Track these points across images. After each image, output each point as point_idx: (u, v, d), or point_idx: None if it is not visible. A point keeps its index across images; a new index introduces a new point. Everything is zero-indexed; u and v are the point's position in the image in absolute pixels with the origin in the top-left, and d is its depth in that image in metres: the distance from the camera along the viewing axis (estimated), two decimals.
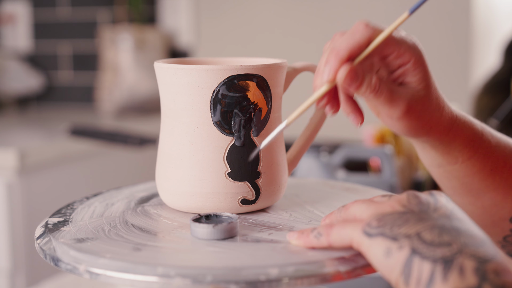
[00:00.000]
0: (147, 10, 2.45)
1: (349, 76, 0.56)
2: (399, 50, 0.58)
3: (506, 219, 0.68)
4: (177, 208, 0.65)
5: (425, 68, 0.60)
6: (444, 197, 0.54)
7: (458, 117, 0.64)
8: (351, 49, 0.57)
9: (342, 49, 0.57)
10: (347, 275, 0.51)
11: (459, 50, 2.08)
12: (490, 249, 0.48)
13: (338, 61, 0.56)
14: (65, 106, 2.57)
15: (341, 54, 0.57)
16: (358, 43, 0.57)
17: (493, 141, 0.66)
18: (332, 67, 0.57)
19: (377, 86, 0.58)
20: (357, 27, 0.57)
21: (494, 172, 0.66)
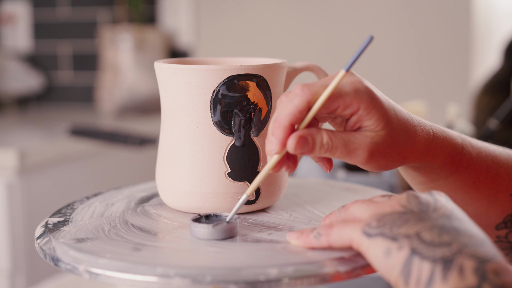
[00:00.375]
0: (147, 10, 2.45)
1: (299, 144, 0.56)
2: (344, 103, 0.56)
3: (491, 227, 0.68)
4: (177, 208, 0.65)
5: (380, 107, 0.58)
6: (443, 197, 0.54)
7: (436, 135, 0.62)
8: (292, 116, 0.55)
9: (283, 119, 0.56)
10: (346, 275, 0.51)
11: (459, 50, 2.08)
12: (490, 249, 0.48)
13: (283, 132, 0.56)
14: (65, 106, 2.57)
15: (283, 124, 0.56)
16: (297, 108, 0.55)
17: (474, 153, 0.65)
18: (278, 139, 0.56)
19: (329, 144, 0.56)
20: (294, 92, 0.56)
21: (477, 184, 0.65)
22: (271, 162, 0.57)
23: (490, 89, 1.69)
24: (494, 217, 0.67)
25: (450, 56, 2.09)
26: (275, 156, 0.57)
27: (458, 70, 2.09)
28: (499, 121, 1.19)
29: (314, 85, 0.56)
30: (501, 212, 0.67)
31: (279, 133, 0.56)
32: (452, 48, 2.09)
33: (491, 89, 1.69)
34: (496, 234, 0.68)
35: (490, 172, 0.65)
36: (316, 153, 0.57)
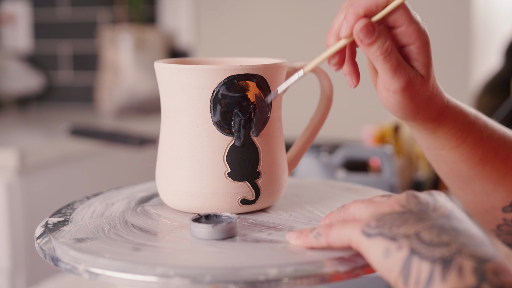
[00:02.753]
0: (147, 10, 2.45)
1: (365, 29, 0.58)
2: (408, 27, 0.59)
3: (498, 208, 0.68)
4: (177, 208, 0.65)
5: (428, 55, 0.61)
6: (443, 197, 0.54)
7: (450, 107, 0.65)
8: (369, 8, 0.58)
9: (360, 6, 0.58)
10: (346, 275, 0.51)
11: (459, 50, 2.08)
12: (489, 249, 0.48)
13: (355, 17, 0.58)
14: (65, 106, 2.57)
15: (357, 11, 0.58)
16: (376, 2, 0.58)
17: (485, 132, 0.67)
18: (349, 23, 0.58)
19: (389, 49, 0.59)
20: None
21: (484, 162, 0.67)
22: (338, 45, 0.60)
23: (491, 89, 1.69)
24: (501, 198, 0.68)
25: (450, 56, 2.09)
26: (342, 41, 0.59)
27: (458, 70, 2.09)
28: (499, 121, 1.19)
29: None
30: (509, 194, 0.68)
31: (353, 18, 0.58)
32: (452, 48, 2.09)
33: (491, 89, 1.69)
34: (503, 216, 0.69)
35: (500, 154, 0.67)
36: (373, 49, 0.59)
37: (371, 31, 0.58)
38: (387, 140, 1.33)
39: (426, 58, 0.61)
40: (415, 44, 0.60)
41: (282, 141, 0.67)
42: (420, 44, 0.60)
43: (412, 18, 0.60)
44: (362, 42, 0.58)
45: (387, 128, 1.33)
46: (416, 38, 0.60)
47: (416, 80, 0.61)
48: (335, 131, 1.68)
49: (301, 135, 0.73)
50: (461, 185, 0.70)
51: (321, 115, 0.72)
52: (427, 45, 0.61)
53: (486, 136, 0.67)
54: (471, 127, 0.66)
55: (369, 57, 0.60)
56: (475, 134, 0.66)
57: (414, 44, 0.60)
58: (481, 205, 0.70)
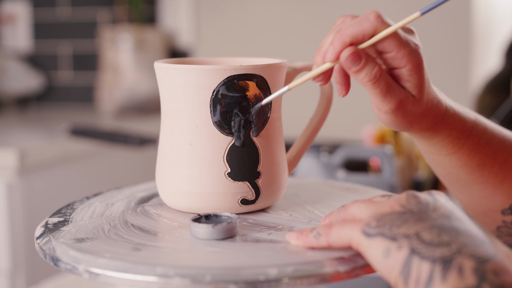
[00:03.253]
0: (147, 10, 2.45)
1: (352, 57, 0.58)
2: (398, 52, 0.59)
3: (497, 211, 0.68)
4: (177, 208, 0.65)
5: (421, 76, 0.60)
6: (443, 197, 0.54)
7: (447, 115, 0.65)
8: (355, 36, 0.58)
9: (347, 34, 0.58)
10: (346, 275, 0.51)
11: (459, 50, 2.08)
12: (489, 249, 0.48)
13: (341, 45, 0.58)
14: (65, 106, 2.57)
15: (344, 39, 0.58)
16: (363, 32, 0.58)
17: (484, 138, 0.67)
18: (335, 49, 0.58)
19: (377, 75, 0.58)
20: (367, 16, 0.58)
21: (481, 167, 0.67)
22: (322, 67, 0.60)
23: (492, 89, 1.69)
24: (500, 201, 0.68)
25: (450, 56, 2.09)
26: (327, 64, 0.59)
27: (458, 70, 2.09)
28: (499, 120, 1.19)
29: (387, 20, 0.58)
30: (507, 198, 0.68)
31: (338, 45, 0.58)
32: (452, 48, 2.09)
33: (492, 89, 1.69)
34: (502, 218, 0.69)
35: (498, 158, 0.67)
36: (360, 76, 0.58)
37: (357, 59, 0.58)
38: (387, 140, 1.33)
39: (418, 80, 0.60)
40: (406, 67, 0.59)
41: (282, 141, 0.67)
42: (411, 67, 0.59)
43: (402, 43, 0.59)
44: (349, 69, 0.58)
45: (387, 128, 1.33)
46: (407, 62, 0.59)
47: (407, 100, 0.60)
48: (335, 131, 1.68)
49: (301, 135, 0.73)
50: (460, 188, 0.70)
51: (321, 115, 0.72)
52: (419, 66, 0.60)
53: (485, 142, 0.66)
54: (469, 133, 0.66)
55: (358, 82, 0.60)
56: (473, 140, 0.66)
57: (405, 67, 0.59)
58: (480, 207, 0.70)
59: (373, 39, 0.58)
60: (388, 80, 0.59)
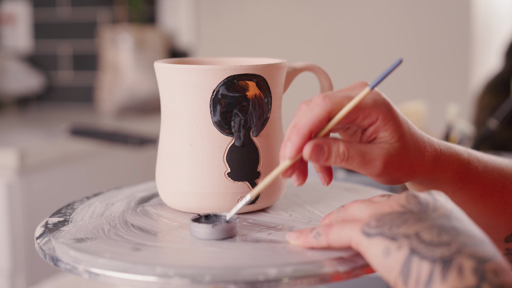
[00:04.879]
0: (147, 10, 2.45)
1: (315, 152, 0.56)
2: (363, 113, 0.57)
3: (501, 240, 0.68)
4: (177, 208, 0.65)
5: (396, 120, 0.58)
6: (443, 197, 0.54)
7: (443, 151, 0.63)
8: (311, 124, 0.56)
9: (302, 126, 0.56)
10: (346, 275, 0.51)
11: (459, 50, 2.08)
12: (489, 249, 0.48)
13: (300, 138, 0.56)
14: (65, 106, 2.57)
15: (302, 131, 0.56)
16: (317, 117, 0.56)
17: (480, 167, 0.65)
18: (294, 145, 0.56)
19: (346, 154, 0.57)
20: (316, 101, 0.56)
21: (484, 198, 0.66)
22: (282, 167, 0.57)
23: (492, 89, 1.69)
24: (503, 229, 0.67)
25: (450, 56, 2.09)
26: (287, 161, 0.57)
27: (458, 70, 2.09)
28: (499, 121, 1.19)
29: (335, 96, 0.57)
30: (510, 224, 0.67)
31: (297, 139, 0.56)
32: (452, 48, 2.09)
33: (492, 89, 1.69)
34: (505, 246, 0.68)
35: (497, 185, 0.66)
36: (331, 162, 0.57)
37: (320, 152, 0.56)
38: None
39: (394, 125, 0.58)
40: (379, 120, 0.58)
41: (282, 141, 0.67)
42: (383, 117, 0.58)
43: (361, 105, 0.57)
44: (317, 162, 0.57)
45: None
46: (377, 115, 0.58)
47: (391, 153, 0.58)
48: None
49: None
50: None
51: None
52: (390, 112, 0.58)
53: (482, 170, 0.65)
54: (468, 165, 0.64)
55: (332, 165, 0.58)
56: (472, 171, 0.64)
57: (378, 121, 0.58)
58: None
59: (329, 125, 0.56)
60: (360, 148, 0.58)
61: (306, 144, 0.56)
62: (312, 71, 0.70)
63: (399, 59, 0.55)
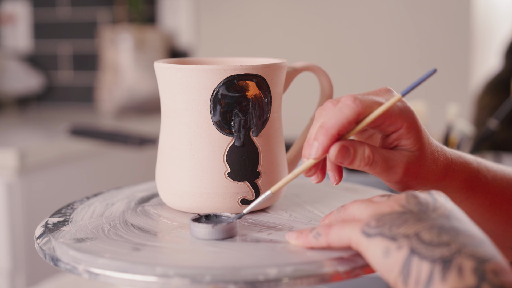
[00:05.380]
0: (147, 10, 2.45)
1: (341, 154, 0.56)
2: (390, 119, 0.58)
3: (508, 248, 0.68)
4: (177, 208, 0.65)
5: (418, 130, 0.59)
6: (443, 197, 0.54)
7: (453, 160, 0.64)
8: (340, 125, 0.56)
9: (331, 126, 0.56)
10: (346, 275, 0.51)
11: (459, 50, 2.08)
12: (489, 249, 0.48)
13: (327, 139, 0.56)
14: (65, 106, 2.57)
15: (330, 132, 0.56)
16: (347, 119, 0.56)
17: (489, 176, 0.66)
18: (321, 145, 0.56)
19: (370, 158, 0.57)
20: (345, 102, 0.56)
21: (493, 206, 0.66)
22: (306, 165, 0.57)
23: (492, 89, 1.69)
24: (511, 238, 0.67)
25: (450, 56, 2.09)
26: (311, 161, 0.57)
27: (458, 70, 2.09)
28: (499, 121, 1.19)
29: (365, 99, 0.57)
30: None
31: (324, 140, 0.56)
32: (452, 48, 2.09)
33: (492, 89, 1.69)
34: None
35: (506, 194, 0.66)
36: (355, 165, 0.57)
37: (346, 154, 0.57)
38: None
39: (416, 134, 0.59)
40: (403, 127, 0.59)
41: (282, 141, 0.67)
42: (407, 125, 0.59)
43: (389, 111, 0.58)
44: (342, 163, 0.57)
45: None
46: (402, 123, 0.58)
47: (412, 161, 0.59)
48: None
49: (301, 135, 0.73)
50: None
51: None
52: (414, 121, 0.59)
53: (491, 179, 0.66)
54: (477, 174, 0.65)
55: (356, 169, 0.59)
56: (481, 180, 0.65)
57: (402, 128, 0.59)
58: None
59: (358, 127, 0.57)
60: (384, 154, 0.58)
61: (332, 145, 0.56)
62: (312, 71, 0.70)
63: (433, 69, 0.56)
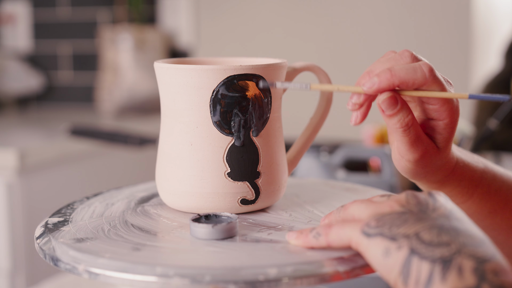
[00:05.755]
0: (147, 10, 2.45)
1: (388, 101, 0.58)
2: (441, 106, 0.59)
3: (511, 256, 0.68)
4: (177, 208, 0.65)
5: (453, 131, 0.61)
6: (443, 197, 0.54)
7: (457, 167, 0.64)
8: (406, 82, 0.57)
9: (398, 76, 0.57)
10: (346, 275, 0.51)
11: (459, 50, 2.08)
12: (489, 249, 0.48)
13: (388, 83, 0.57)
14: (65, 106, 2.57)
15: (393, 80, 0.57)
16: (413, 81, 0.57)
17: (493, 186, 0.66)
18: (379, 84, 0.57)
19: (409, 124, 0.58)
20: (422, 67, 0.57)
21: (493, 214, 0.66)
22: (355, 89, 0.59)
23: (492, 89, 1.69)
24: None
25: (450, 56, 2.09)
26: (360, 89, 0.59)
27: (458, 70, 2.09)
28: (499, 121, 1.19)
29: (439, 77, 0.58)
30: None
31: (385, 82, 0.57)
32: (452, 48, 2.09)
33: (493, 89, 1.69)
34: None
35: (509, 204, 0.66)
36: (393, 121, 0.59)
37: (393, 104, 0.58)
38: (387, 140, 1.33)
39: (450, 134, 0.61)
40: (445, 121, 0.60)
41: (282, 141, 0.67)
42: (449, 122, 0.60)
43: (447, 99, 0.59)
44: (383, 112, 0.58)
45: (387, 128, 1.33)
46: (446, 117, 0.60)
47: (432, 152, 0.61)
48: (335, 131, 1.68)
49: (301, 135, 0.73)
50: None
51: (321, 115, 0.72)
52: (455, 122, 0.60)
53: (495, 189, 0.66)
54: (478, 183, 0.66)
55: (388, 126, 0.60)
56: (482, 189, 0.66)
57: (444, 121, 0.60)
58: None
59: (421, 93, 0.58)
60: (418, 130, 0.60)
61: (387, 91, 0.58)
62: (312, 71, 0.70)
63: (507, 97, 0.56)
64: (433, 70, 0.58)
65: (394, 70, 0.57)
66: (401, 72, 0.57)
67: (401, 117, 0.58)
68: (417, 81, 0.57)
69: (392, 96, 0.58)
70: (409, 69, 0.57)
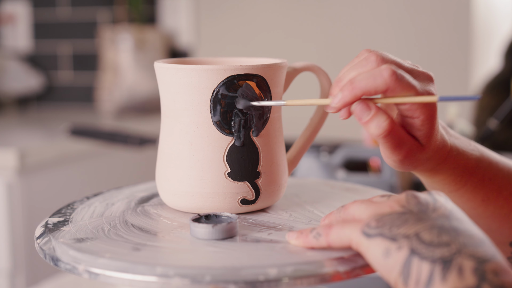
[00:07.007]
0: (147, 10, 2.45)
1: (360, 108, 0.57)
2: (412, 105, 0.59)
3: (505, 243, 0.68)
4: (177, 208, 0.65)
5: (432, 127, 0.60)
6: (443, 197, 0.54)
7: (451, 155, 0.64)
8: (368, 91, 0.57)
9: (358, 89, 0.57)
10: (346, 275, 0.51)
11: (459, 50, 2.08)
12: (489, 249, 0.48)
13: (351, 96, 0.57)
14: (65, 106, 2.57)
15: (355, 92, 0.57)
16: (375, 89, 0.57)
17: (488, 174, 0.66)
18: (344, 99, 0.57)
19: (388, 129, 0.58)
20: (382, 72, 0.56)
21: (486, 202, 0.66)
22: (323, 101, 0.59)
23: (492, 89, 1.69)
24: (507, 234, 0.68)
25: (450, 56, 2.09)
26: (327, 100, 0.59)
27: (458, 70, 2.09)
28: (499, 121, 1.19)
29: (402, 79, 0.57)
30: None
31: (348, 96, 0.57)
32: (452, 48, 2.09)
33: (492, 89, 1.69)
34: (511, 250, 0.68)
35: (503, 192, 0.66)
36: (371, 129, 0.58)
37: (366, 110, 0.57)
38: None
39: (429, 129, 0.60)
40: (420, 118, 0.59)
41: (282, 141, 0.67)
42: (424, 118, 0.59)
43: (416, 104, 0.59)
44: (359, 119, 0.58)
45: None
46: (420, 114, 0.59)
47: (416, 150, 0.61)
48: (335, 131, 1.68)
49: (301, 135, 0.73)
50: None
51: (321, 115, 0.72)
52: (432, 118, 0.60)
53: (489, 177, 0.66)
54: (472, 171, 0.65)
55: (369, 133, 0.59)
56: (476, 177, 0.66)
57: (419, 118, 0.59)
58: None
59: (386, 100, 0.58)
60: (399, 133, 0.59)
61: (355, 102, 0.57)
62: (312, 71, 0.70)
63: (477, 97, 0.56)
64: (395, 73, 0.56)
65: (355, 82, 0.57)
66: (361, 82, 0.57)
67: (377, 123, 0.58)
68: (378, 88, 0.56)
69: (362, 103, 0.57)
70: (369, 77, 0.57)
